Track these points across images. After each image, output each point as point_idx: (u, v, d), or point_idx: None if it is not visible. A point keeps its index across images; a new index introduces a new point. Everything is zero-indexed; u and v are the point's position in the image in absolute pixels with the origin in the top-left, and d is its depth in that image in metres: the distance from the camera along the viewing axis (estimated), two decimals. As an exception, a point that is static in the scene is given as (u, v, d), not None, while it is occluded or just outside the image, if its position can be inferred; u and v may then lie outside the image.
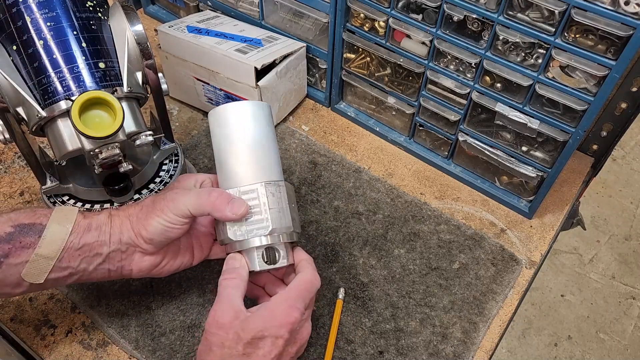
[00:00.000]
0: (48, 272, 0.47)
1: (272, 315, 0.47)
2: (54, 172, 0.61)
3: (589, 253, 1.81)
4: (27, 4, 0.51)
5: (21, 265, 0.46)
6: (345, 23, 0.73)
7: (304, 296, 0.49)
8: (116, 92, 0.53)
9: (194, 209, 0.49)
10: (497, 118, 0.68)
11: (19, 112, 0.53)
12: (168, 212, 0.49)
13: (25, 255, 0.46)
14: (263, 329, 0.46)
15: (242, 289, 0.50)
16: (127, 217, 0.51)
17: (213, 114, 0.54)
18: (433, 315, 0.61)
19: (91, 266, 0.49)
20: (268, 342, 0.46)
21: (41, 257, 0.46)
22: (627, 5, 0.50)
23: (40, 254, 0.46)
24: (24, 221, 0.47)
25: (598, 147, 0.80)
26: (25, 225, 0.47)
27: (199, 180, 0.56)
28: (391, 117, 0.81)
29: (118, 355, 0.58)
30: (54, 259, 0.47)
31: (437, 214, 0.72)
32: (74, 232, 0.48)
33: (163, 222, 0.49)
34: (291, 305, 0.48)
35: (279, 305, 0.48)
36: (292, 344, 0.48)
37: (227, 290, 0.49)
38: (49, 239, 0.47)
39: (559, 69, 0.59)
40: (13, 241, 0.46)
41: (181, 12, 0.96)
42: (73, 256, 0.48)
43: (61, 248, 0.47)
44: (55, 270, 0.47)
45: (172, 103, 0.86)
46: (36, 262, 0.46)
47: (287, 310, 0.48)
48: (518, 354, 1.57)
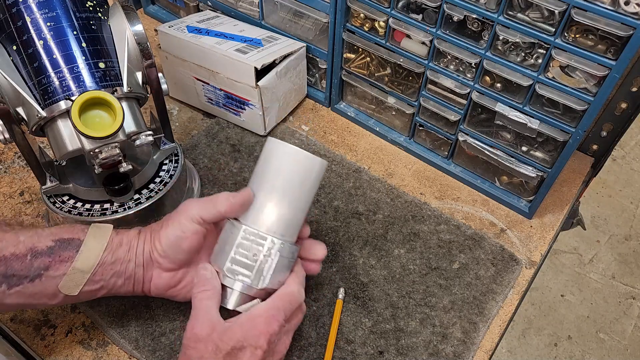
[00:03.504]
0: (83, 284, 0.49)
1: (251, 324, 0.48)
2: (54, 172, 0.61)
3: (589, 253, 1.81)
4: (27, 4, 0.51)
5: (59, 277, 0.48)
6: (345, 23, 0.73)
7: (285, 308, 0.50)
8: (116, 92, 0.53)
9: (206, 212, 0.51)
10: (497, 118, 0.68)
11: (19, 112, 0.53)
12: (180, 220, 0.51)
13: (63, 269, 0.48)
14: (242, 339, 0.47)
15: (217, 299, 0.50)
16: (150, 232, 0.53)
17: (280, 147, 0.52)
18: (433, 315, 0.61)
19: (120, 280, 0.51)
20: (247, 352, 0.47)
21: (78, 271, 0.49)
22: (627, 5, 0.50)
23: (77, 268, 0.49)
24: (64, 236, 0.49)
25: (598, 147, 0.80)
26: (65, 240, 0.49)
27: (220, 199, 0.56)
28: (391, 117, 0.81)
29: (118, 355, 0.58)
30: (89, 273, 0.49)
31: (437, 214, 0.72)
32: (108, 248, 0.50)
33: (175, 231, 0.51)
34: (272, 316, 0.48)
35: (259, 316, 0.48)
36: (270, 356, 0.48)
37: (202, 302, 0.49)
38: (85, 253, 0.49)
39: (559, 69, 0.59)
40: (54, 255, 0.48)
41: (181, 12, 0.96)
42: (106, 270, 0.50)
43: (96, 263, 0.49)
44: (88, 284, 0.50)
45: (172, 103, 0.86)
46: (73, 275, 0.49)
47: (267, 320, 0.48)
48: (518, 354, 1.58)
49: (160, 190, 0.62)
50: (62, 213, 0.59)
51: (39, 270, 0.48)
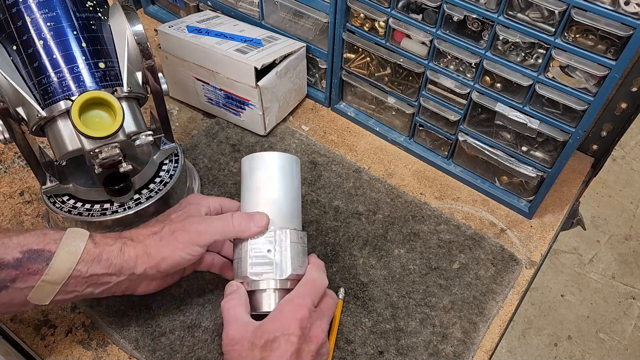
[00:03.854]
0: (54, 295, 0.48)
1: (280, 315, 0.48)
2: (54, 172, 0.61)
3: (589, 253, 1.81)
4: (27, 4, 0.51)
5: (28, 289, 0.47)
6: (345, 23, 0.73)
7: (310, 293, 0.50)
8: (116, 92, 0.53)
9: (221, 235, 0.52)
10: (497, 118, 0.68)
11: (19, 112, 0.53)
12: (193, 245, 0.51)
13: (31, 281, 0.47)
14: (273, 331, 0.47)
15: (245, 305, 0.51)
16: (144, 249, 0.51)
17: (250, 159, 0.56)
18: (433, 315, 0.61)
19: (97, 290, 0.50)
20: (281, 341, 0.47)
21: (47, 283, 0.47)
22: (627, 5, 0.50)
23: (47, 281, 0.47)
24: (32, 247, 0.47)
25: (598, 147, 0.80)
26: (34, 252, 0.47)
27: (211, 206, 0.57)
28: (391, 117, 0.81)
29: (118, 355, 0.58)
30: (60, 284, 0.48)
31: (437, 214, 0.72)
32: (83, 261, 0.48)
33: (186, 256, 0.51)
34: (298, 303, 0.49)
35: (286, 306, 0.49)
36: (308, 342, 0.48)
37: (231, 311, 0.50)
38: (56, 267, 0.47)
39: (559, 69, 0.59)
40: (21, 267, 0.46)
41: (181, 12, 0.96)
42: (80, 282, 0.49)
43: (68, 275, 0.48)
44: (60, 294, 0.48)
45: (172, 103, 0.86)
46: (42, 287, 0.47)
47: (293, 307, 0.49)
48: (518, 354, 1.57)
49: (160, 190, 0.62)
50: (62, 213, 0.59)
51: (5, 282, 0.46)
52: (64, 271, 0.47)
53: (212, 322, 0.59)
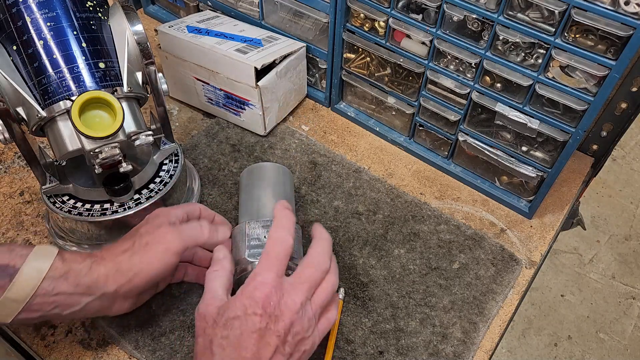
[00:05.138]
0: (16, 313, 0.46)
1: (241, 294, 0.47)
2: (54, 172, 0.61)
3: (589, 253, 1.81)
4: (27, 4, 0.51)
5: None
6: (345, 23, 0.73)
7: (272, 265, 0.48)
8: (116, 92, 0.53)
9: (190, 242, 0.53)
10: (497, 118, 0.68)
11: (19, 112, 0.53)
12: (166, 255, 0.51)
13: None
14: (235, 309, 0.46)
15: (226, 278, 0.51)
16: (116, 267, 0.50)
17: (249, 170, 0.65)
18: (433, 315, 0.61)
19: (65, 312, 0.48)
20: (242, 320, 0.45)
21: (10, 301, 0.45)
22: (627, 5, 0.50)
23: (9, 298, 0.45)
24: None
25: (598, 147, 0.80)
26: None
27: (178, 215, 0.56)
28: (391, 117, 0.81)
29: (118, 355, 0.58)
30: (23, 303, 0.45)
31: (437, 214, 0.72)
32: (49, 279, 0.46)
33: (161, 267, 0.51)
34: (258, 282, 0.47)
35: (247, 285, 0.48)
36: (275, 321, 0.46)
37: (210, 283, 0.50)
38: (19, 283, 0.45)
39: (559, 69, 0.59)
40: None
41: (181, 12, 0.96)
42: (46, 302, 0.46)
43: (32, 293, 0.45)
44: (25, 312, 0.46)
45: (172, 103, 0.86)
46: (4, 304, 0.45)
47: (254, 285, 0.47)
48: (518, 354, 1.58)
49: (160, 190, 0.62)
50: (62, 213, 0.59)
51: None
52: (28, 288, 0.45)
53: (212, 322, 0.59)
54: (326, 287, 0.50)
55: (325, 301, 0.50)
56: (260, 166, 0.65)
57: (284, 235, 0.50)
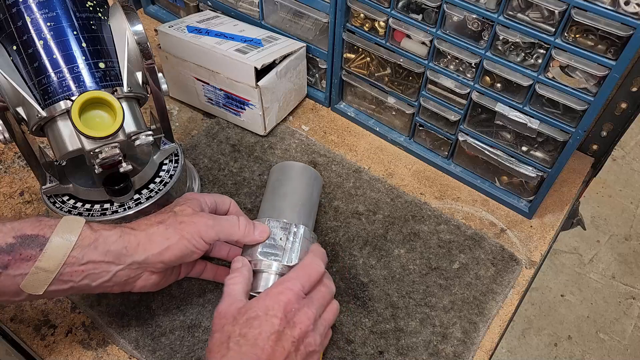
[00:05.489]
0: (48, 284, 0.46)
1: (265, 296, 0.48)
2: (54, 172, 0.61)
3: (589, 253, 1.81)
4: (27, 4, 0.51)
5: (20, 276, 0.45)
6: (345, 23, 0.73)
7: (300, 277, 0.50)
8: (116, 92, 0.53)
9: (226, 235, 0.53)
10: (497, 118, 0.68)
11: (19, 112, 0.53)
12: (199, 237, 0.51)
13: (25, 267, 0.45)
14: (256, 309, 0.47)
15: (244, 284, 0.51)
16: (148, 238, 0.50)
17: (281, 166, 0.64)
18: (433, 315, 0.61)
19: (94, 283, 0.49)
20: (262, 320, 0.46)
21: (41, 270, 0.45)
22: (627, 5, 0.50)
23: (41, 267, 0.45)
24: (27, 232, 0.46)
25: (598, 147, 0.80)
26: (27, 237, 0.46)
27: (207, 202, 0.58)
28: (391, 117, 0.81)
29: (118, 355, 0.58)
30: (54, 272, 0.46)
31: (437, 214, 0.72)
32: (78, 247, 0.47)
33: (191, 247, 0.51)
34: (285, 286, 0.49)
35: (273, 288, 0.49)
36: (291, 327, 0.47)
37: (229, 287, 0.51)
38: (49, 252, 0.46)
39: (559, 69, 0.59)
40: (13, 252, 0.45)
41: (181, 12, 0.96)
42: (76, 271, 0.47)
43: (62, 262, 0.46)
44: (55, 283, 0.47)
45: (172, 103, 0.86)
46: (36, 274, 0.45)
47: (280, 290, 0.49)
48: (518, 354, 1.57)
49: (160, 190, 0.62)
50: (62, 213, 0.59)
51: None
52: (58, 257, 0.46)
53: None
54: (334, 309, 0.53)
55: (331, 321, 0.53)
56: (293, 165, 0.64)
57: (320, 264, 0.53)
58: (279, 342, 0.46)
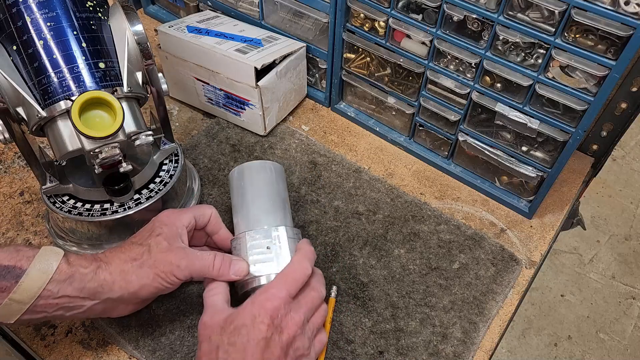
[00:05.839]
0: (20, 314, 0.46)
1: (252, 304, 0.48)
2: (54, 172, 0.61)
3: (589, 253, 1.81)
4: (27, 4, 0.51)
5: None
6: (345, 23, 0.73)
7: (288, 284, 0.50)
8: (116, 92, 0.53)
9: (198, 274, 0.53)
10: (497, 118, 0.68)
11: (19, 112, 0.53)
12: (172, 276, 0.51)
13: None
14: (243, 317, 0.47)
15: (224, 294, 0.52)
16: (122, 276, 0.50)
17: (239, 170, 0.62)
18: (433, 315, 0.61)
19: (68, 314, 0.49)
20: (249, 328, 0.47)
21: (15, 302, 0.45)
22: (627, 5, 0.50)
23: (15, 299, 0.45)
24: (3, 262, 0.46)
25: (598, 147, 0.80)
26: (3, 268, 0.45)
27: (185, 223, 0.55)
28: (391, 117, 0.81)
29: (118, 355, 0.58)
30: (27, 304, 0.46)
31: (437, 214, 0.72)
32: (54, 281, 0.46)
33: (167, 285, 0.52)
34: (272, 293, 0.49)
35: (260, 295, 0.49)
36: (279, 333, 0.47)
37: (209, 299, 0.52)
38: (24, 285, 0.45)
39: (559, 69, 0.59)
40: None
41: (181, 12, 0.96)
42: (50, 304, 0.47)
43: (37, 295, 0.46)
44: (28, 313, 0.46)
45: (172, 103, 0.86)
46: (9, 305, 0.45)
47: (266, 296, 0.49)
48: (518, 354, 1.58)
49: (160, 190, 0.62)
50: (62, 213, 0.59)
51: None
52: (33, 290, 0.45)
53: (212, 322, 0.59)
54: (322, 311, 0.54)
55: (320, 324, 0.53)
56: (249, 167, 0.62)
57: (307, 265, 0.52)
58: (268, 348, 0.46)
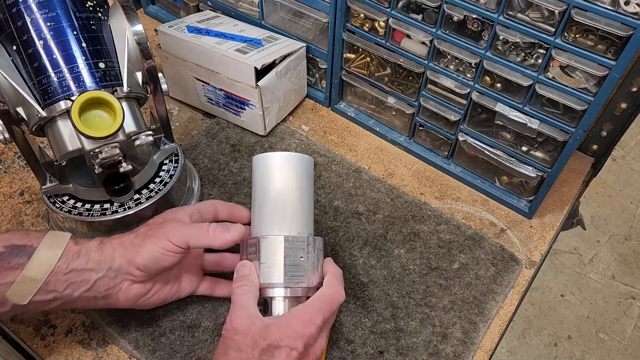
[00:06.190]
0: (33, 293, 0.47)
1: (289, 325, 0.48)
2: (54, 172, 0.61)
3: (589, 253, 1.81)
4: (27, 4, 0.51)
5: (7, 285, 0.46)
6: (345, 23, 0.73)
7: (324, 310, 0.50)
8: (116, 92, 0.53)
9: (195, 239, 0.51)
10: (497, 118, 0.68)
11: (19, 112, 0.53)
12: (164, 240, 0.51)
13: (12, 276, 0.46)
14: (279, 339, 0.47)
15: (255, 295, 0.51)
16: (120, 245, 0.51)
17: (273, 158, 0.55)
18: (433, 315, 0.61)
19: (76, 292, 0.49)
20: (283, 352, 0.47)
21: (28, 279, 0.46)
22: (627, 5, 0.50)
23: (28, 276, 0.46)
24: (15, 242, 0.47)
25: (598, 147, 0.80)
26: (16, 247, 0.47)
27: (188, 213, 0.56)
28: (391, 117, 0.81)
29: (118, 355, 0.58)
30: (40, 282, 0.47)
31: (437, 214, 0.72)
32: (63, 257, 0.48)
33: (158, 250, 0.51)
34: (309, 319, 0.48)
35: (297, 317, 0.49)
36: (305, 358, 0.48)
37: (241, 297, 0.50)
38: (37, 261, 0.47)
39: (559, 69, 0.59)
40: (2, 261, 0.46)
41: (181, 12, 0.96)
42: (59, 281, 0.48)
43: (49, 271, 0.47)
44: (40, 293, 0.47)
45: (172, 103, 0.86)
46: (23, 283, 0.46)
47: (304, 322, 0.48)
48: (518, 354, 1.58)
49: (160, 190, 0.62)
50: (62, 213, 0.59)
51: None
52: (45, 266, 0.47)
53: (212, 322, 0.59)
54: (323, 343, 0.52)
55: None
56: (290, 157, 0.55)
57: (342, 292, 0.52)
58: None
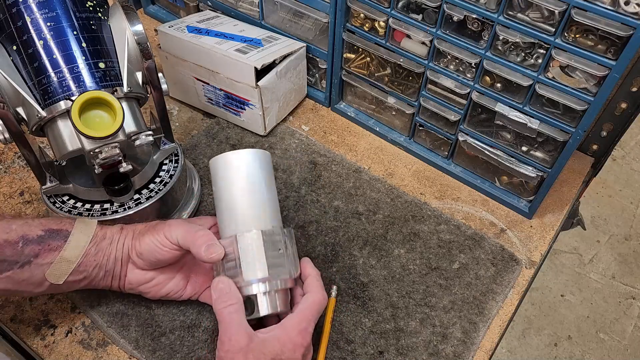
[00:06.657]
0: (68, 274, 0.51)
1: (288, 338, 0.49)
2: (54, 172, 0.61)
3: (589, 253, 1.81)
4: (27, 4, 0.51)
5: (46, 265, 0.50)
6: (345, 23, 0.73)
7: (315, 317, 0.52)
8: (116, 92, 0.53)
9: (182, 240, 0.52)
10: (497, 118, 0.68)
11: (19, 112, 0.53)
12: (161, 234, 0.53)
13: (51, 257, 0.50)
14: (281, 352, 0.48)
15: (242, 311, 0.50)
16: (132, 231, 0.55)
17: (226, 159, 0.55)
18: (433, 315, 0.61)
19: (101, 272, 0.54)
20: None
21: (64, 260, 0.51)
22: (627, 5, 0.50)
23: (64, 257, 0.51)
24: (52, 227, 0.52)
25: (598, 147, 0.80)
26: (54, 231, 0.51)
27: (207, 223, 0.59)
28: (391, 117, 0.81)
29: (118, 355, 0.58)
30: (74, 263, 0.51)
31: (437, 214, 0.72)
32: (93, 241, 0.53)
33: (154, 241, 0.53)
34: (305, 328, 0.50)
35: (294, 328, 0.50)
36: None
37: (232, 316, 0.49)
38: (73, 243, 0.51)
39: (559, 69, 0.59)
40: (43, 243, 0.50)
41: (181, 12, 0.96)
42: (89, 262, 0.52)
43: (82, 253, 0.52)
44: (73, 274, 0.52)
45: (172, 103, 0.86)
46: (60, 264, 0.51)
47: (302, 333, 0.50)
48: (518, 354, 1.57)
49: (160, 190, 0.62)
50: (62, 213, 0.59)
51: (29, 258, 0.49)
52: (79, 248, 0.51)
53: (212, 322, 0.59)
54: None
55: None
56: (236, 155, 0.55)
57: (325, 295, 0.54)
58: None
